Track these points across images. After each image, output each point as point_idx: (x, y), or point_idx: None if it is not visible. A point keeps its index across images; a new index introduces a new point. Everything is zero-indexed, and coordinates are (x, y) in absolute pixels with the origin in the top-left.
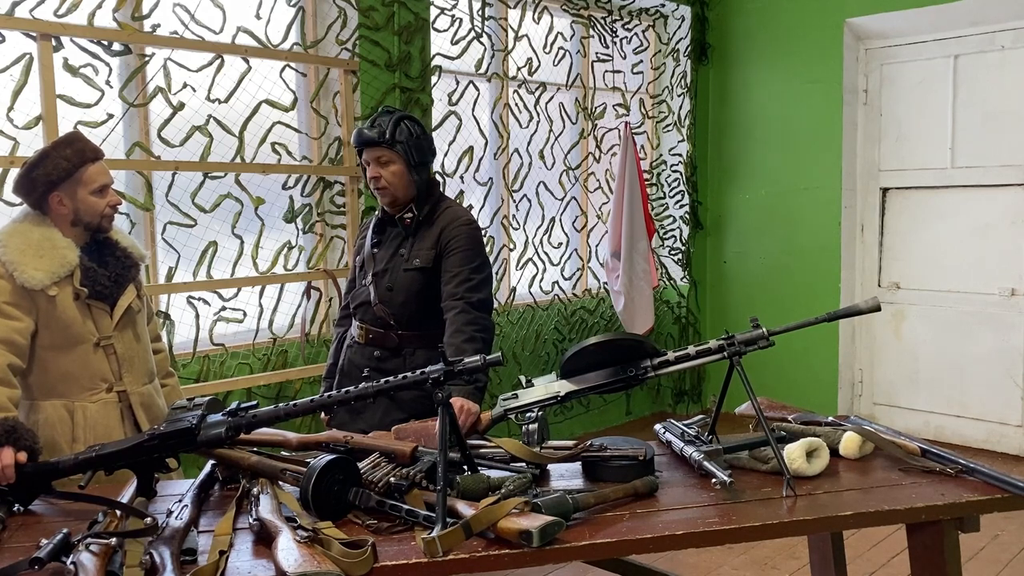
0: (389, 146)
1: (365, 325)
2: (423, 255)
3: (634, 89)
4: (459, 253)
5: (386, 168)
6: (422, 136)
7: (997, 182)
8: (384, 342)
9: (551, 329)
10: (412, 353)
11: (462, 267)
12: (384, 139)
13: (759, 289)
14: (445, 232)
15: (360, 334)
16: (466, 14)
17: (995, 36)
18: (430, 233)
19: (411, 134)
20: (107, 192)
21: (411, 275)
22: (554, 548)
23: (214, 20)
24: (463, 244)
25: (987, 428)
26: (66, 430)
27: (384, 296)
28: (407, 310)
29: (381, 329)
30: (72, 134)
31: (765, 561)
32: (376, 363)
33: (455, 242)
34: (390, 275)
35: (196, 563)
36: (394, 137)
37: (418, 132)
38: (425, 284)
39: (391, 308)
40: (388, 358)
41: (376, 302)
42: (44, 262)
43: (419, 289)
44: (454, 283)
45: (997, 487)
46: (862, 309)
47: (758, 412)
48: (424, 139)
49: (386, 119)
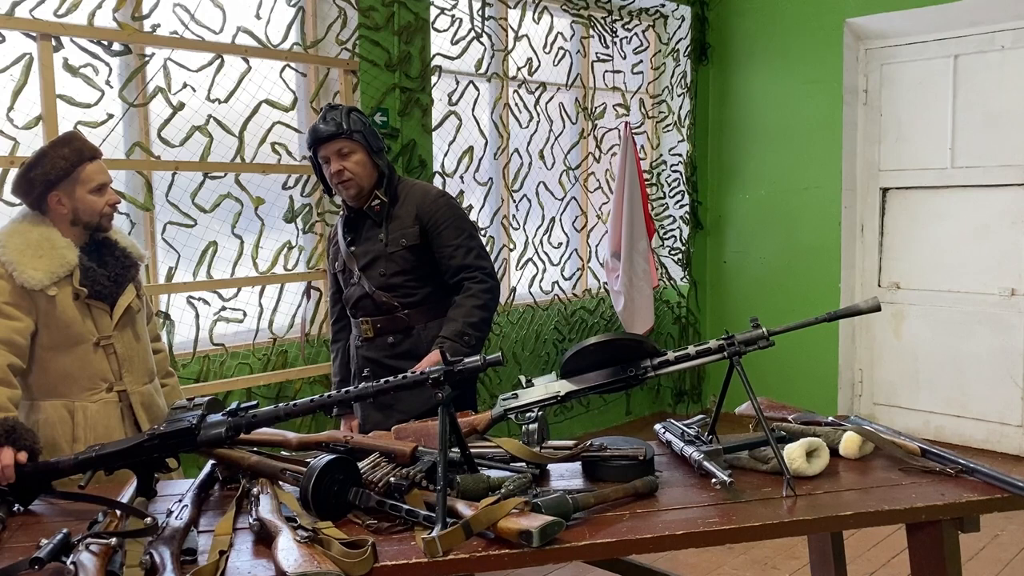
0: (348, 136)
1: (369, 319)
2: (407, 234)
3: (634, 89)
4: (449, 227)
5: (348, 159)
6: (369, 123)
7: (997, 182)
8: (394, 326)
9: (551, 329)
10: (424, 328)
11: (458, 238)
12: (343, 130)
13: (759, 289)
14: (423, 209)
15: (366, 329)
16: (466, 14)
17: (995, 36)
18: (404, 212)
19: (363, 123)
20: (106, 191)
21: (401, 254)
22: (554, 548)
23: (214, 20)
24: (448, 215)
25: (987, 428)
26: (66, 430)
27: (381, 283)
28: (407, 289)
29: (387, 315)
30: (69, 133)
31: (765, 561)
32: (391, 350)
33: (439, 215)
34: (380, 262)
35: (196, 563)
36: (351, 127)
37: (367, 120)
38: (417, 261)
39: (391, 291)
40: (402, 340)
41: (374, 290)
42: (43, 262)
43: (412, 267)
44: (459, 255)
45: (997, 487)
46: (862, 309)
47: (758, 412)
48: (372, 126)
49: (337, 113)
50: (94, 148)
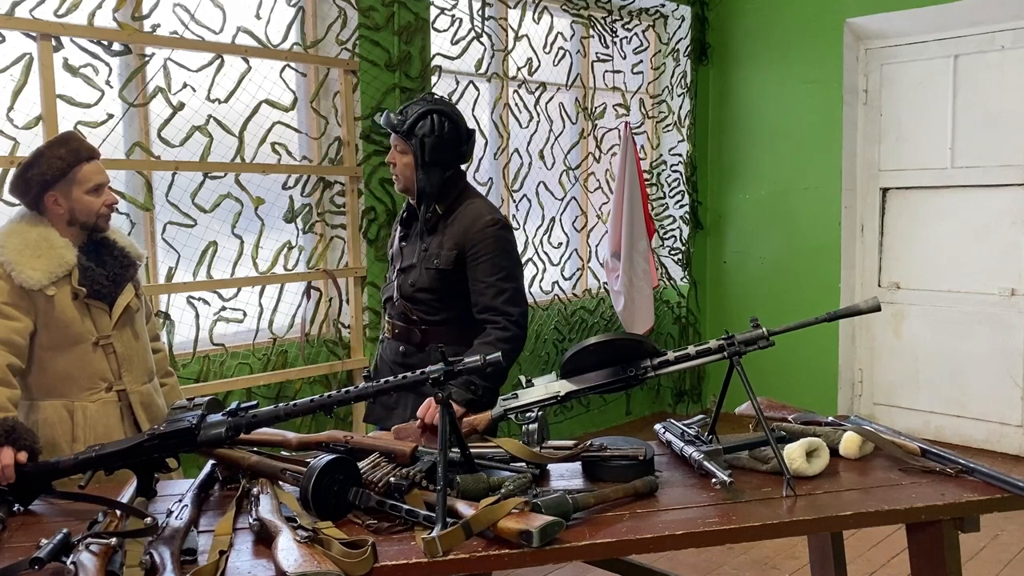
0: (404, 137)
1: (392, 320)
2: (443, 256)
3: (634, 89)
4: (487, 261)
5: (401, 157)
6: (449, 134)
7: (997, 182)
8: (408, 337)
9: (551, 329)
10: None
11: (491, 276)
12: (400, 129)
13: (759, 289)
14: (467, 236)
15: (388, 328)
16: (466, 14)
17: (995, 36)
18: (451, 231)
19: (433, 130)
20: (102, 191)
21: (432, 274)
22: (554, 548)
23: (214, 20)
24: (490, 249)
25: (987, 428)
26: (66, 429)
27: (407, 292)
28: (429, 307)
29: (405, 324)
30: (67, 133)
31: (765, 561)
32: (401, 359)
33: (481, 247)
34: (414, 271)
35: (196, 563)
36: (412, 130)
37: (445, 130)
38: (446, 284)
39: (413, 304)
40: (413, 353)
41: (399, 297)
42: (42, 262)
43: (440, 287)
44: (489, 295)
45: (997, 487)
46: (862, 309)
47: (758, 412)
48: (448, 137)
49: (416, 108)
50: (91, 148)
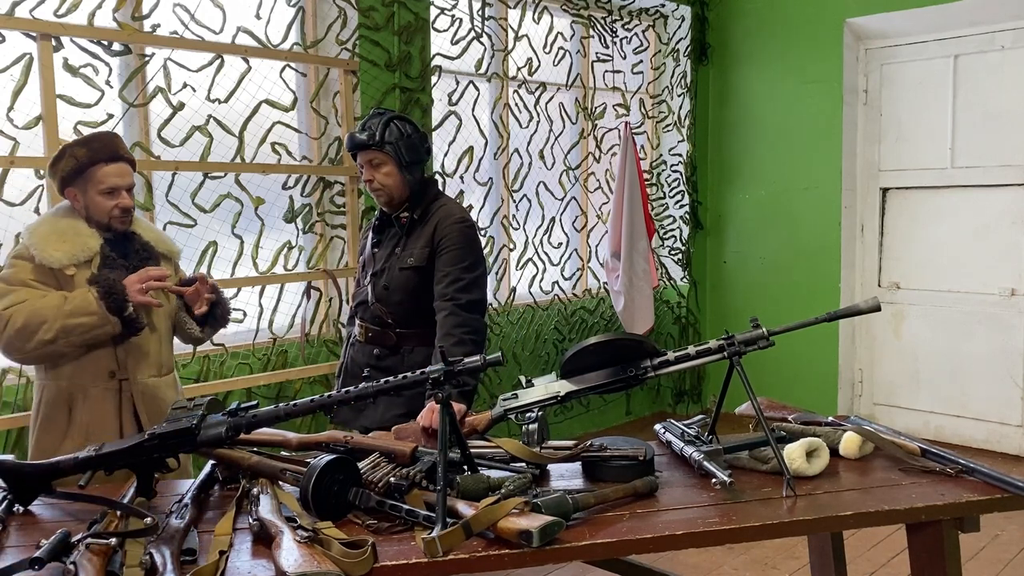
0: (379, 148)
1: (365, 324)
2: (417, 254)
3: (634, 89)
4: (451, 252)
5: (378, 170)
6: (413, 135)
7: (997, 182)
8: (383, 340)
9: (551, 329)
10: (411, 351)
11: (453, 266)
12: (373, 141)
13: (759, 289)
14: (439, 230)
15: (360, 332)
16: (466, 14)
17: (995, 36)
18: (424, 231)
19: (401, 134)
20: (117, 195)
21: (406, 274)
22: (554, 548)
23: (214, 20)
24: (455, 243)
25: (987, 428)
26: (64, 412)
27: (381, 295)
28: (403, 309)
29: (379, 328)
30: (97, 134)
31: (765, 561)
32: (376, 361)
33: (447, 240)
34: (387, 274)
35: (196, 563)
36: (383, 139)
37: (409, 131)
38: (420, 283)
39: (388, 307)
40: (387, 356)
41: (373, 301)
42: (66, 245)
43: (414, 288)
44: (444, 283)
45: (997, 487)
46: (862, 309)
47: (758, 412)
48: (415, 138)
49: (376, 121)
50: (115, 151)
